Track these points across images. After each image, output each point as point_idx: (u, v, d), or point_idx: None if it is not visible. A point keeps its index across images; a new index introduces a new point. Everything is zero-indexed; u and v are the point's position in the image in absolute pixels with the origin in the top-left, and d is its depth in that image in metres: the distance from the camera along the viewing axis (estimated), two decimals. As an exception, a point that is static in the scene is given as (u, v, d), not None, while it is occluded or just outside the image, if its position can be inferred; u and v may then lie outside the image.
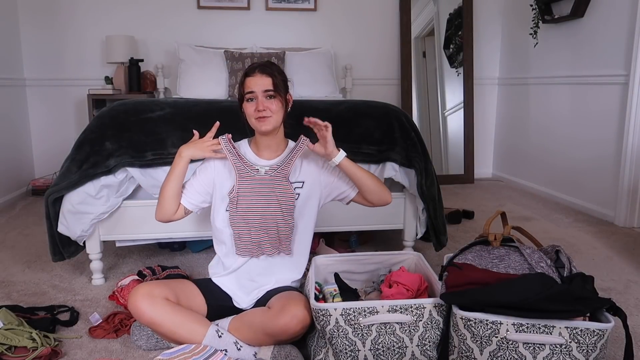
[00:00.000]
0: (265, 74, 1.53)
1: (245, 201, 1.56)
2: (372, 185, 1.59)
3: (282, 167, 1.58)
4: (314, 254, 2.25)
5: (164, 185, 1.57)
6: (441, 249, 2.21)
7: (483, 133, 4.54)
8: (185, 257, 2.44)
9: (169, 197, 1.56)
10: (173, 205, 1.58)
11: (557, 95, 3.63)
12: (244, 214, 1.56)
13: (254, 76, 1.53)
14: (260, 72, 1.53)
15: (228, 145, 1.59)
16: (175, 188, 1.56)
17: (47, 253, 2.44)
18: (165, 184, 1.56)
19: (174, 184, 1.56)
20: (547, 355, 1.24)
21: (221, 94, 3.56)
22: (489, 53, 4.44)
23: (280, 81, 1.55)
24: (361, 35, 4.25)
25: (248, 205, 1.56)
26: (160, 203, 1.57)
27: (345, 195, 1.67)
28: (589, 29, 3.27)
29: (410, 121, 2.16)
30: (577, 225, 3.01)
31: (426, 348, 1.41)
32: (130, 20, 3.96)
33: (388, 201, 1.64)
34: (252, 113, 1.54)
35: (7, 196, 3.51)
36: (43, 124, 3.98)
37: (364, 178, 1.57)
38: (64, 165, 1.91)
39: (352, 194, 1.65)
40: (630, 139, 2.90)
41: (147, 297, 1.44)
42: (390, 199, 1.65)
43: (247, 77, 1.55)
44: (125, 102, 2.05)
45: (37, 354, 1.48)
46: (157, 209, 1.59)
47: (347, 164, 1.56)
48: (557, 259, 1.42)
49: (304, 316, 1.42)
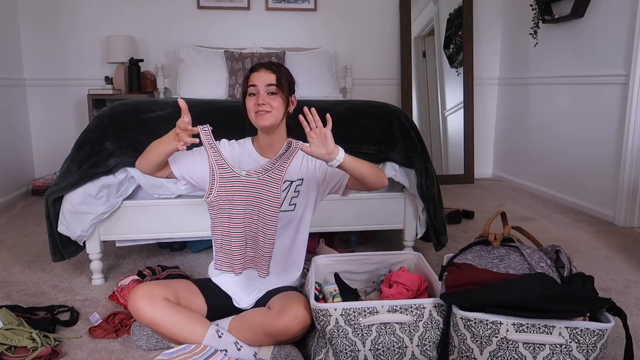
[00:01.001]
0: (271, 70, 1.54)
1: (226, 204, 1.47)
2: (371, 174, 1.50)
3: (273, 170, 1.47)
4: (314, 254, 2.25)
5: (152, 146, 1.48)
6: (441, 249, 2.21)
7: (483, 133, 4.54)
8: (185, 257, 2.44)
9: (152, 161, 1.48)
10: (156, 167, 1.50)
11: (557, 95, 3.63)
12: (225, 219, 1.48)
13: (259, 71, 1.54)
14: (265, 68, 1.54)
15: (210, 139, 1.47)
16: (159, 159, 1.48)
17: (47, 253, 2.43)
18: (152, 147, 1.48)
19: (155, 156, 1.47)
20: (547, 355, 1.24)
21: (221, 94, 3.56)
22: (489, 53, 4.44)
23: (285, 80, 1.55)
24: (361, 35, 4.25)
25: (229, 209, 1.47)
26: (145, 157, 1.50)
27: (340, 182, 1.59)
28: (589, 29, 3.27)
29: (410, 121, 2.16)
30: (577, 225, 3.01)
31: (426, 348, 1.41)
32: (130, 20, 3.96)
33: (385, 184, 1.56)
34: (252, 107, 1.53)
35: (7, 196, 3.51)
36: (43, 124, 3.98)
37: (364, 170, 1.47)
38: (64, 165, 1.91)
39: (345, 179, 1.58)
40: (630, 139, 2.90)
41: (147, 298, 1.44)
42: (387, 180, 1.57)
43: (252, 72, 1.55)
44: (125, 102, 2.05)
45: (37, 354, 1.48)
46: (139, 159, 1.52)
47: (349, 160, 1.44)
48: (557, 259, 1.42)
49: (304, 316, 1.42)
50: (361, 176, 1.48)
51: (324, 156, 1.40)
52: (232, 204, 1.48)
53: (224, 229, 1.50)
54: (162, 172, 1.55)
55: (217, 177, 1.47)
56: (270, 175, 1.47)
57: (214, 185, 1.47)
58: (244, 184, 1.47)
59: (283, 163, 1.47)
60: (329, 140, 1.38)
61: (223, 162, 1.48)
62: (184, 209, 2.07)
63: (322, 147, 1.38)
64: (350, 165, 1.44)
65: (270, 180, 1.47)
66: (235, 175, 1.47)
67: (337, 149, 1.40)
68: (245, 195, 1.47)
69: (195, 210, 2.07)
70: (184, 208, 2.07)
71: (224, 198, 1.47)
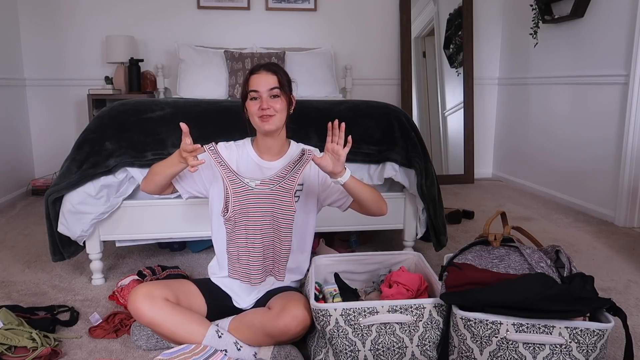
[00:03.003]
0: (271, 72, 1.53)
1: (242, 218, 1.48)
2: (373, 201, 1.53)
3: (285, 180, 1.49)
4: (314, 254, 2.25)
5: (157, 169, 1.52)
6: (441, 249, 2.21)
7: (483, 133, 4.54)
8: (185, 257, 2.44)
9: (159, 183, 1.53)
10: (161, 188, 1.55)
11: (557, 95, 3.63)
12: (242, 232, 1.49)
13: (259, 74, 1.52)
14: (265, 70, 1.53)
15: (218, 157, 1.48)
16: (165, 182, 1.53)
17: (47, 253, 2.44)
18: (157, 170, 1.51)
19: (162, 178, 1.51)
20: (547, 355, 1.24)
21: (221, 94, 3.56)
22: (489, 53, 4.45)
23: (285, 80, 1.54)
24: (361, 36, 4.25)
25: (245, 222, 1.49)
26: (149, 179, 1.54)
27: (342, 203, 1.63)
28: (589, 29, 3.27)
29: (410, 121, 2.16)
30: (577, 225, 3.01)
31: (426, 348, 1.41)
32: (130, 20, 3.96)
33: (384, 213, 1.59)
34: (255, 111, 1.51)
35: (7, 196, 3.51)
36: (43, 124, 3.98)
37: (366, 194, 1.51)
38: (64, 165, 1.91)
39: (348, 202, 1.61)
40: (630, 139, 2.90)
41: (147, 298, 1.44)
42: (387, 210, 1.60)
43: (252, 75, 1.54)
44: (125, 102, 2.05)
45: (37, 354, 1.48)
46: (144, 182, 1.56)
47: (352, 183, 1.47)
48: (557, 259, 1.42)
49: (304, 317, 1.42)
50: (361, 201, 1.53)
51: (329, 172, 1.43)
52: (248, 217, 1.49)
53: (240, 242, 1.50)
54: (166, 191, 1.60)
55: (231, 193, 1.47)
56: (283, 186, 1.48)
57: (229, 200, 1.48)
58: (256, 196, 1.48)
59: (295, 172, 1.48)
60: (341, 162, 1.41)
61: (234, 177, 1.48)
62: (184, 209, 2.07)
63: (331, 165, 1.41)
64: (351, 188, 1.48)
65: (283, 190, 1.48)
66: (247, 188, 1.48)
67: (345, 171, 1.44)
68: (260, 207, 1.48)
69: (195, 210, 2.07)
70: (184, 208, 2.07)
71: (239, 212, 1.48)
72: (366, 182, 2.11)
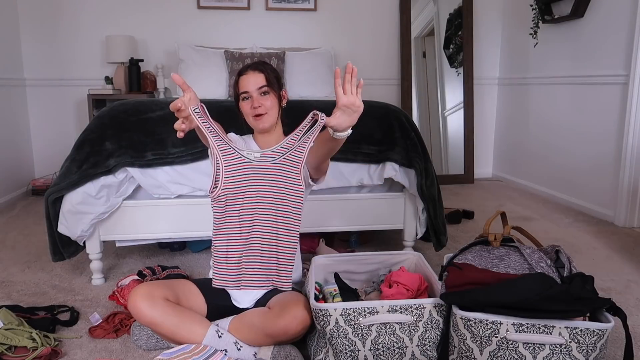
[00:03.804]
0: (258, 71, 1.56)
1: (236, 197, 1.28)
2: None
3: (294, 150, 1.25)
4: (314, 254, 2.25)
5: None
6: (441, 249, 2.21)
7: (483, 133, 4.54)
8: (185, 257, 2.44)
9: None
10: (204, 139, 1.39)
11: (557, 95, 3.63)
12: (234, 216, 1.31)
13: (247, 74, 1.57)
14: (252, 70, 1.57)
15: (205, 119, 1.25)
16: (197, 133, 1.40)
17: (47, 253, 2.44)
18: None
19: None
20: (547, 355, 1.24)
21: (221, 94, 3.56)
22: (489, 53, 4.45)
23: (273, 77, 1.58)
24: (361, 36, 4.25)
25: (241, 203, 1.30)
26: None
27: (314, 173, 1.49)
28: (589, 29, 3.27)
29: (410, 121, 2.16)
30: (577, 225, 3.01)
31: (426, 348, 1.41)
32: (130, 20, 3.96)
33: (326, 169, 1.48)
34: (248, 111, 1.56)
35: (7, 196, 3.51)
36: (43, 124, 3.98)
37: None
38: (64, 165, 1.91)
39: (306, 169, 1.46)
40: (630, 139, 2.90)
41: (147, 298, 1.44)
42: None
43: (240, 77, 1.58)
44: (125, 102, 2.06)
45: (37, 354, 1.48)
46: None
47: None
48: (557, 259, 1.42)
49: (304, 317, 1.42)
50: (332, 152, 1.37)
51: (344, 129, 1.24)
52: (244, 196, 1.28)
53: (231, 231, 1.33)
54: None
55: (222, 164, 1.26)
56: (290, 157, 1.26)
57: (220, 175, 1.27)
58: (255, 170, 1.28)
59: (304, 141, 1.27)
60: (359, 112, 1.22)
61: (226, 146, 1.28)
62: (184, 209, 2.07)
63: (348, 120, 1.21)
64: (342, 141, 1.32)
65: (290, 162, 1.26)
66: (244, 160, 1.26)
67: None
68: (259, 184, 1.28)
69: (195, 210, 2.07)
70: (184, 208, 2.07)
71: (231, 189, 1.28)
72: (366, 182, 2.13)
